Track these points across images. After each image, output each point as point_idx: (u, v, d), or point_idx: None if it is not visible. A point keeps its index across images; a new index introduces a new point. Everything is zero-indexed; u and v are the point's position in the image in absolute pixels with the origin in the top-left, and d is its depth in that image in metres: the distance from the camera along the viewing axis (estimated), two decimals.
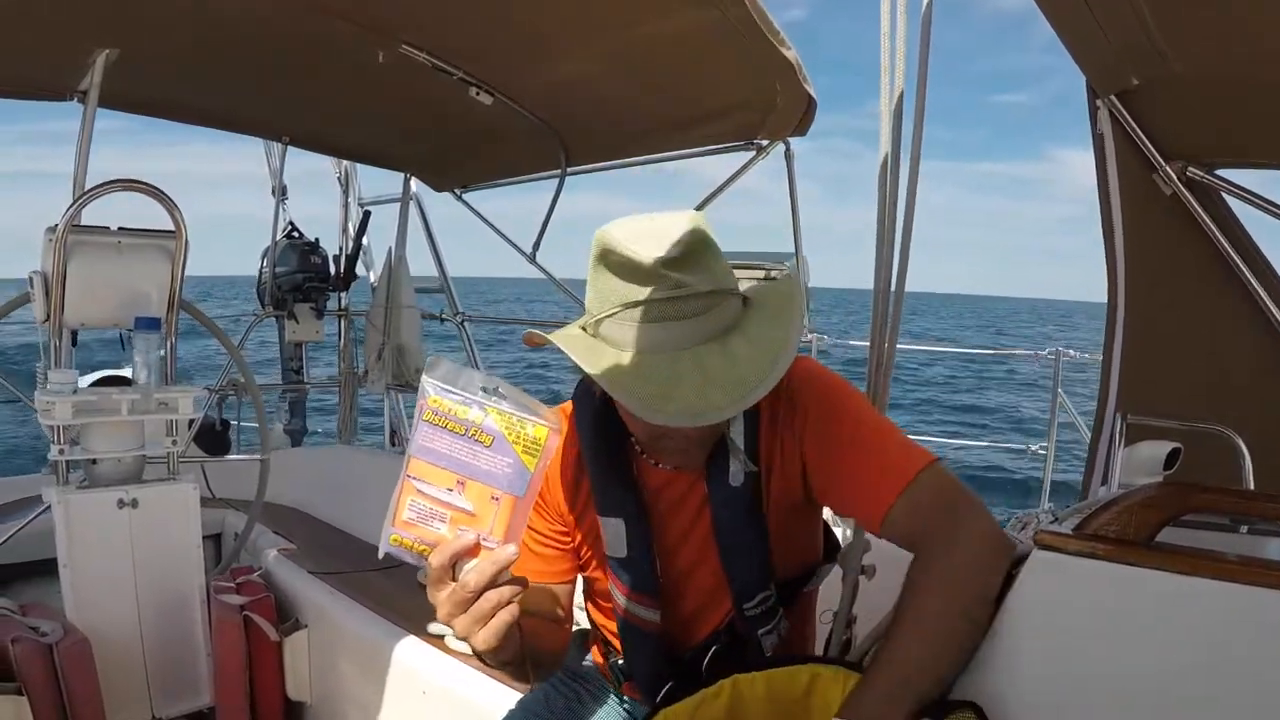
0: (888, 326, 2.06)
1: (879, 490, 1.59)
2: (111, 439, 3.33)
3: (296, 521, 4.89)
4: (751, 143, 3.94)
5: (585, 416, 1.80)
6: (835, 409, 1.69)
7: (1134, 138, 2.58)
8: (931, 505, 1.56)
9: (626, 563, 1.80)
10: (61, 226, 3.20)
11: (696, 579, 1.84)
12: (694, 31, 3.11)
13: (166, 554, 3.42)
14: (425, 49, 3.64)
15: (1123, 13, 2.12)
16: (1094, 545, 1.39)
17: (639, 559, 1.79)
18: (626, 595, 1.83)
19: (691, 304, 1.51)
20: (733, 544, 1.76)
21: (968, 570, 1.47)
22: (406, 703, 3.03)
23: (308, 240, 6.13)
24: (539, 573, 1.88)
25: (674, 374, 1.48)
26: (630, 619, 1.85)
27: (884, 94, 2.00)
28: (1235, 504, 1.69)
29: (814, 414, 1.69)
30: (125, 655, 3.29)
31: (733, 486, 1.71)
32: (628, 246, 1.50)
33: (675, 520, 1.82)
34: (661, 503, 1.82)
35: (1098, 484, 2.70)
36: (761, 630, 1.81)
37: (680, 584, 1.85)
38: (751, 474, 1.71)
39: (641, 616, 1.83)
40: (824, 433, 1.68)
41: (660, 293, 1.50)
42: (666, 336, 1.51)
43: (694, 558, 1.82)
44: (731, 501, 1.73)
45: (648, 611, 1.83)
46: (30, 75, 3.91)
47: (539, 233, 5.06)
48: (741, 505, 1.73)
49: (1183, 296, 2.71)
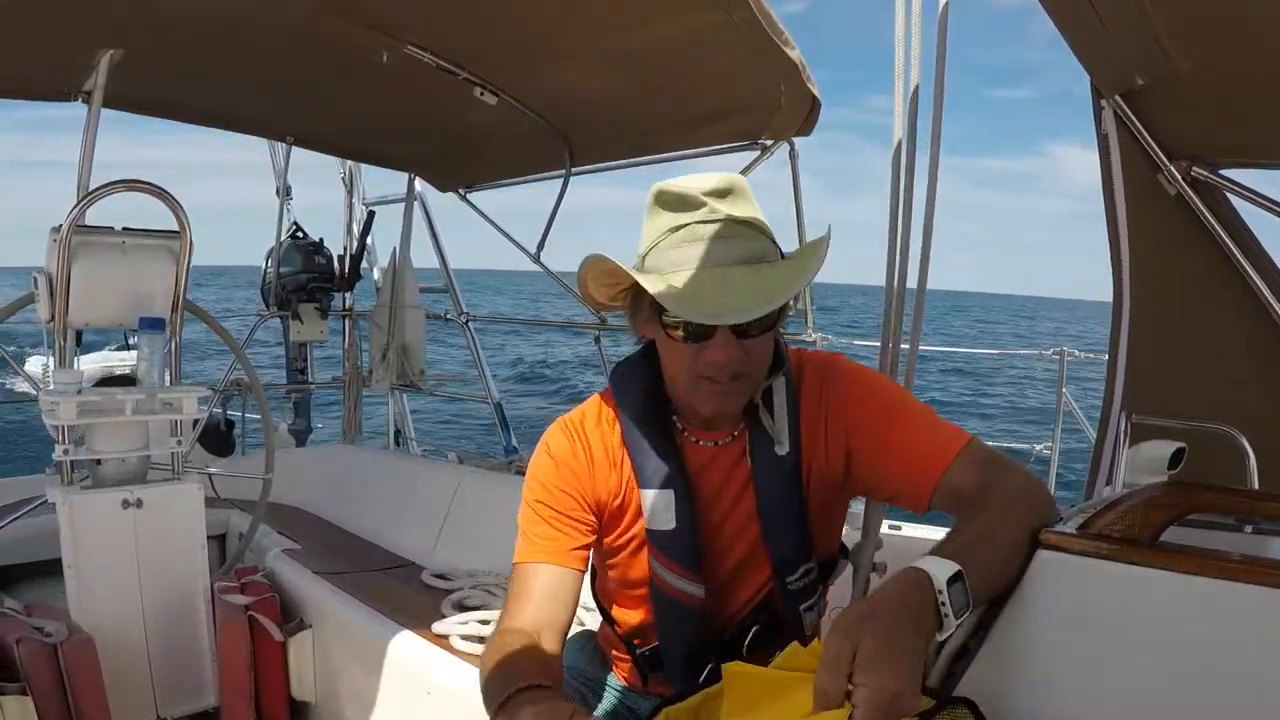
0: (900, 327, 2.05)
1: (932, 460, 1.67)
2: (116, 439, 3.33)
3: (301, 521, 4.90)
4: (755, 142, 3.95)
5: (629, 395, 1.87)
6: (877, 392, 1.81)
7: (1139, 138, 2.58)
8: (983, 465, 1.65)
9: (673, 535, 1.83)
10: (66, 226, 3.21)
11: (738, 552, 1.88)
12: (699, 33, 3.12)
13: (171, 554, 3.42)
14: (430, 49, 3.65)
15: (1127, 13, 2.12)
16: (1098, 545, 1.39)
17: (685, 531, 1.82)
18: (669, 569, 1.85)
19: (729, 227, 1.67)
20: (775, 516, 1.82)
21: (1024, 494, 1.56)
22: (411, 702, 3.03)
23: (312, 240, 6.14)
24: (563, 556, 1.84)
25: (709, 281, 1.62)
26: (671, 593, 1.86)
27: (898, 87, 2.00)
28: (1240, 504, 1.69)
29: (856, 396, 1.79)
30: (130, 655, 3.30)
31: (777, 456, 1.78)
32: (678, 183, 1.69)
33: (718, 494, 1.86)
34: (705, 478, 1.86)
35: (1102, 483, 2.70)
36: (803, 605, 1.86)
37: (720, 558, 1.88)
38: (792, 449, 1.78)
39: (684, 590, 1.85)
40: (871, 413, 1.77)
41: (702, 215, 1.67)
42: (705, 252, 1.65)
43: (736, 531, 1.86)
44: (774, 473, 1.79)
45: (691, 586, 1.85)
46: (35, 76, 3.92)
47: (544, 232, 5.07)
48: (784, 478, 1.80)
49: (1187, 296, 2.71)
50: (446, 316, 6.18)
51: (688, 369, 1.71)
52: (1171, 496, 1.46)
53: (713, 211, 1.66)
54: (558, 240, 5.03)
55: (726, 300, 1.59)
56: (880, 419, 1.75)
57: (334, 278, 6.16)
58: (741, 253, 1.66)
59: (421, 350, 6.04)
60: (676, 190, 1.69)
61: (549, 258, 5.10)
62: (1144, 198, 2.64)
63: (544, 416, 4.18)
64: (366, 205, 6.44)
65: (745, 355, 1.67)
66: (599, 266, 1.76)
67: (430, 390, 6.49)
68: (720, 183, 1.69)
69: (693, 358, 1.68)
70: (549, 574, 1.81)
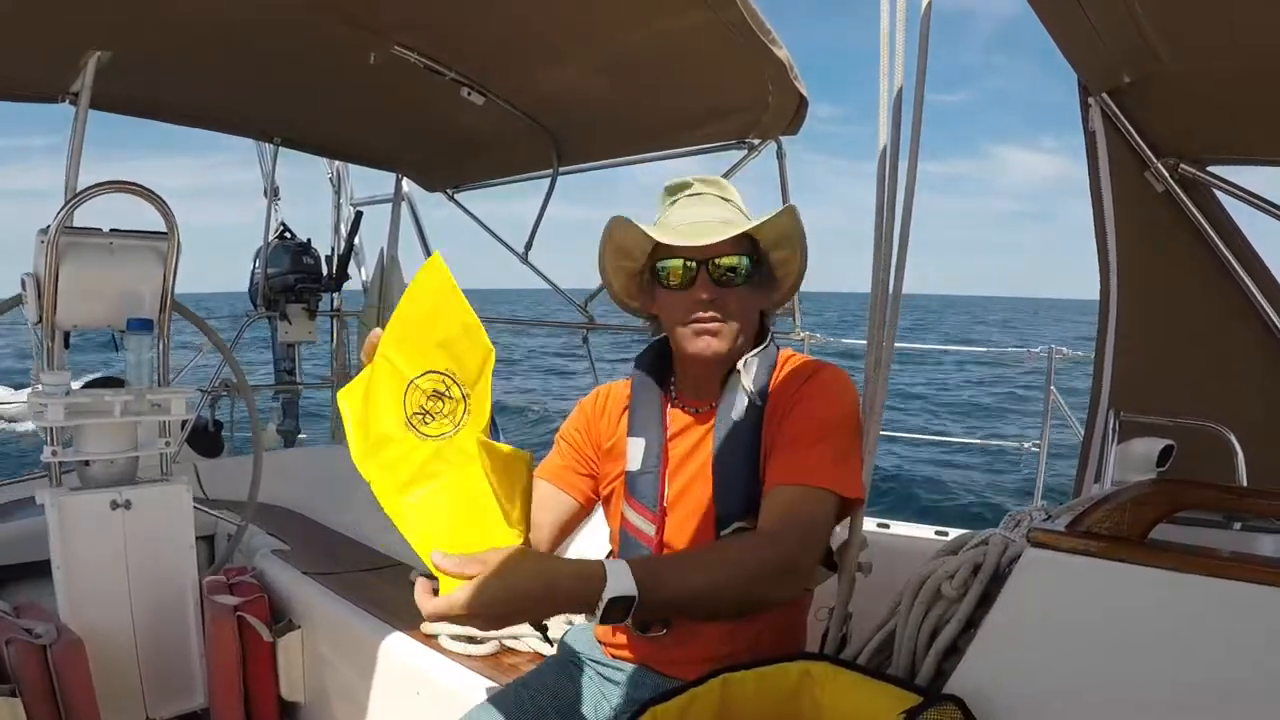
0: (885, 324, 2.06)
1: (787, 471, 1.86)
2: (104, 440, 3.33)
3: (290, 522, 4.88)
4: (743, 141, 3.95)
5: (642, 369, 2.21)
6: (824, 403, 1.96)
7: (1126, 135, 2.59)
8: (795, 514, 1.80)
9: (639, 476, 2.10)
10: (54, 228, 3.19)
11: (689, 501, 2.06)
12: (686, 33, 3.12)
13: (160, 555, 3.42)
14: (417, 49, 3.65)
15: (1115, 11, 2.12)
16: (1087, 543, 1.40)
17: (650, 473, 2.09)
18: (632, 506, 2.11)
19: (710, 197, 2.10)
20: (725, 469, 2.01)
21: (765, 562, 1.69)
22: (400, 702, 3.03)
23: (300, 241, 6.13)
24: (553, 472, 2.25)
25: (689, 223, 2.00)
26: (630, 530, 2.11)
27: (883, 90, 2.01)
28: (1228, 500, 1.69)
29: (807, 394, 1.97)
30: (119, 656, 3.29)
31: (737, 420, 2.01)
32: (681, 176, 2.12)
33: (687, 452, 2.09)
34: (680, 437, 2.12)
35: (1091, 481, 2.71)
36: None
37: (675, 503, 2.08)
38: (755, 412, 2.00)
39: (639, 528, 2.09)
40: (803, 410, 1.95)
41: (692, 190, 2.11)
42: (690, 210, 2.06)
43: (690, 481, 2.07)
44: (732, 432, 2.01)
45: (645, 523, 2.08)
46: (21, 78, 3.90)
47: (531, 232, 5.08)
48: (740, 439, 2.00)
49: (1175, 293, 2.72)
50: None
51: (681, 317, 2.01)
52: (1160, 494, 1.46)
53: (701, 186, 2.11)
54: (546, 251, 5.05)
55: (698, 230, 1.95)
56: (801, 420, 1.93)
57: (322, 278, 6.16)
58: (719, 213, 2.04)
59: None
60: (677, 180, 2.13)
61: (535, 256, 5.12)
62: (1131, 195, 2.65)
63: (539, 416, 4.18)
64: (354, 206, 6.43)
65: (722, 298, 1.98)
66: (620, 231, 2.06)
67: None
68: (708, 176, 2.13)
69: (683, 304, 2.00)
70: (542, 488, 2.20)
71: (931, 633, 1.77)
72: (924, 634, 1.79)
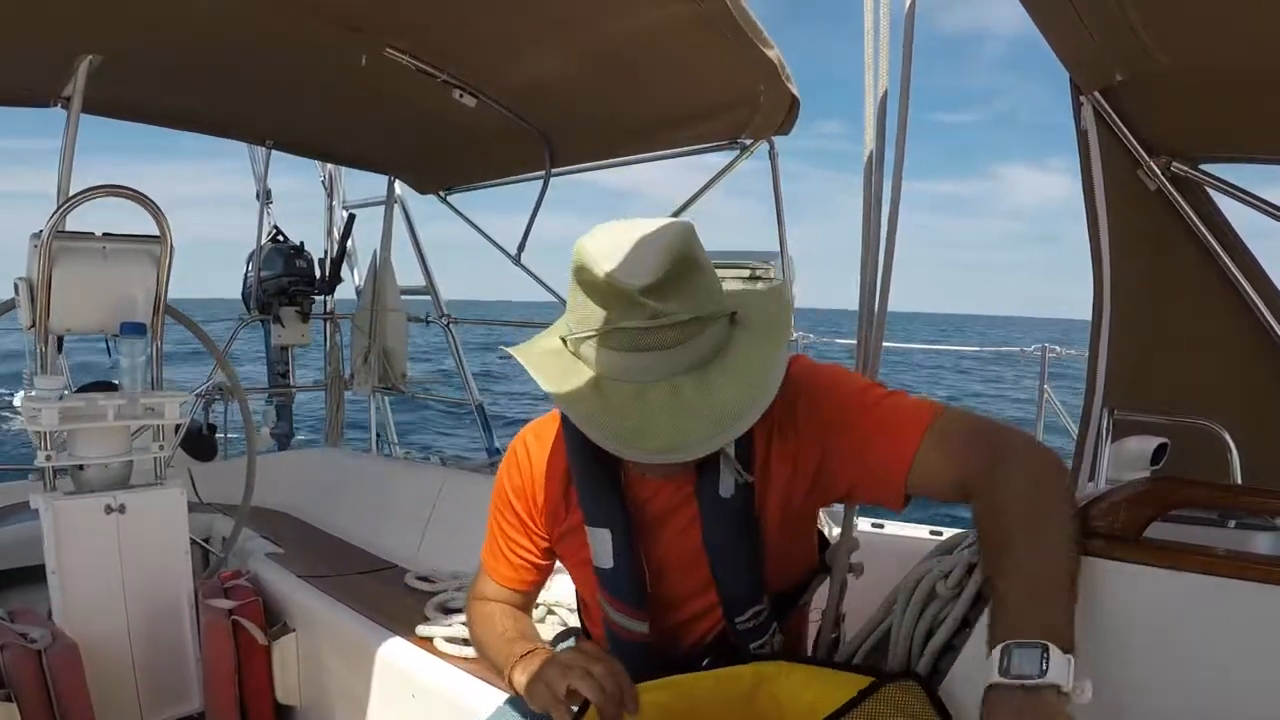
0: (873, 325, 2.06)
1: (895, 459, 1.55)
2: (98, 445, 3.32)
3: (284, 525, 4.87)
4: (735, 142, 3.96)
5: (572, 425, 1.58)
6: (838, 396, 1.65)
7: (1118, 133, 2.59)
8: (964, 444, 1.52)
9: (613, 573, 1.75)
10: (46, 232, 3.19)
11: (685, 590, 1.80)
12: (673, 26, 3.13)
13: (154, 559, 3.41)
14: (409, 52, 3.65)
15: (1106, 8, 2.13)
16: (1083, 541, 1.39)
17: (625, 570, 1.74)
18: (613, 605, 1.79)
19: (669, 334, 1.42)
20: (723, 556, 1.71)
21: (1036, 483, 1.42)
22: (395, 705, 3.02)
23: (293, 244, 6.12)
24: (507, 579, 1.95)
25: (647, 405, 1.42)
26: (616, 630, 1.81)
27: (868, 93, 2.00)
28: (1223, 498, 1.69)
29: (820, 406, 1.64)
30: (114, 661, 3.28)
31: (723, 498, 1.66)
32: (603, 267, 1.41)
33: (665, 530, 1.76)
34: (650, 512, 1.76)
35: (1085, 480, 2.71)
36: (754, 644, 1.77)
37: (669, 595, 1.81)
38: (745, 485, 1.66)
39: (628, 628, 1.79)
40: (836, 420, 1.62)
41: (636, 320, 1.41)
42: (641, 366, 1.44)
43: (683, 569, 1.77)
44: (723, 512, 1.67)
45: (634, 623, 1.78)
46: (13, 82, 3.90)
47: (524, 234, 5.07)
48: (733, 516, 1.67)
49: (1168, 291, 2.72)
50: (428, 319, 6.18)
51: None
52: (1155, 492, 1.46)
53: (652, 316, 1.41)
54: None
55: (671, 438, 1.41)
56: (848, 425, 1.61)
57: (315, 281, 6.15)
58: (685, 360, 1.44)
59: (403, 353, 6.03)
60: (601, 278, 1.41)
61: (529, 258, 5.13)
62: (1124, 194, 2.66)
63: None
64: (346, 208, 6.42)
65: None
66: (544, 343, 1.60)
67: (412, 394, 6.49)
68: (654, 271, 1.40)
69: None
70: (496, 590, 1.97)
71: (927, 632, 1.76)
72: (919, 632, 1.78)
